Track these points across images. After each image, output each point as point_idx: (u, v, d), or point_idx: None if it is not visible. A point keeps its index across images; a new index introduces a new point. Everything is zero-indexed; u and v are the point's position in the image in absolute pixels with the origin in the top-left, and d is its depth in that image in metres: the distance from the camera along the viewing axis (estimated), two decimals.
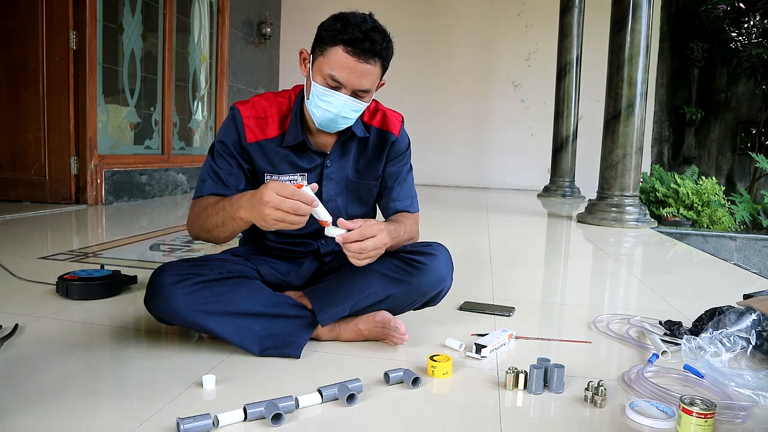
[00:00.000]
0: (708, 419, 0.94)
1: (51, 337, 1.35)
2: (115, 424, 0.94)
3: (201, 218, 1.25)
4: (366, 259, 1.18)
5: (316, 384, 1.06)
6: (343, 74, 1.18)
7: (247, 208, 1.11)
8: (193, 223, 1.29)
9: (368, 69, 1.19)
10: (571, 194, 6.10)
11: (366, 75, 1.20)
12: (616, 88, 3.87)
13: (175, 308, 1.18)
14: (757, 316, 1.34)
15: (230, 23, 5.73)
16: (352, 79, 1.19)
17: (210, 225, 1.22)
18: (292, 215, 1.06)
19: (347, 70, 1.18)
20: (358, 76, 1.19)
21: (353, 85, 1.20)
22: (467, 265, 2.36)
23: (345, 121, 1.27)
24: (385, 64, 1.23)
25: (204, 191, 1.30)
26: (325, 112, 1.24)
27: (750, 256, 4.27)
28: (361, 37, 1.16)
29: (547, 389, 1.13)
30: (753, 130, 7.32)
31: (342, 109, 1.23)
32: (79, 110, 3.78)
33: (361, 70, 1.18)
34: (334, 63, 1.18)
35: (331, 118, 1.25)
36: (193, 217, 1.28)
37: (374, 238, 1.17)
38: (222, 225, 1.19)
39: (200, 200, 1.29)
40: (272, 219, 1.06)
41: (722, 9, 7.14)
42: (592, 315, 1.71)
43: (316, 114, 1.26)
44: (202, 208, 1.25)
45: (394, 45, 1.25)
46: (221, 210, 1.18)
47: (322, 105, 1.23)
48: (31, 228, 3.03)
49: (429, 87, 7.34)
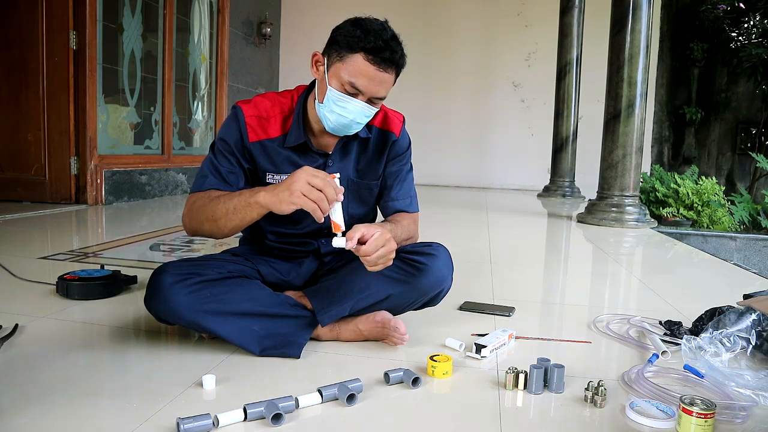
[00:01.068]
0: (708, 419, 0.94)
1: (51, 337, 1.35)
2: (115, 424, 0.94)
3: (208, 207, 1.22)
4: (381, 265, 1.18)
5: (316, 384, 1.06)
6: (363, 82, 1.19)
7: (270, 189, 1.12)
8: (194, 214, 1.26)
9: (386, 77, 1.21)
10: (571, 194, 6.10)
11: (384, 83, 1.21)
12: (616, 88, 3.87)
13: (175, 308, 1.19)
14: (757, 316, 1.34)
15: (230, 23, 5.73)
16: (372, 87, 1.20)
17: (219, 213, 1.19)
18: (318, 192, 1.07)
19: (367, 78, 1.19)
20: (377, 85, 1.20)
21: (372, 93, 1.21)
22: (467, 265, 2.36)
23: (357, 126, 1.28)
24: (399, 72, 1.25)
25: (205, 186, 1.29)
26: (340, 117, 1.24)
27: (750, 256, 4.27)
28: (382, 47, 1.17)
29: (547, 389, 1.13)
30: (753, 130, 7.32)
31: (357, 116, 1.24)
32: (79, 110, 3.78)
33: (381, 78, 1.20)
34: (354, 70, 1.18)
35: (346, 123, 1.25)
36: (196, 208, 1.25)
37: (384, 247, 1.16)
38: (233, 211, 1.18)
39: (203, 192, 1.27)
40: (299, 191, 1.07)
41: (722, 9, 7.14)
42: (592, 315, 1.71)
43: (329, 118, 1.25)
44: (210, 198, 1.23)
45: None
46: (237, 195, 1.18)
47: (337, 110, 1.23)
48: (31, 228, 3.03)
49: (429, 87, 7.34)
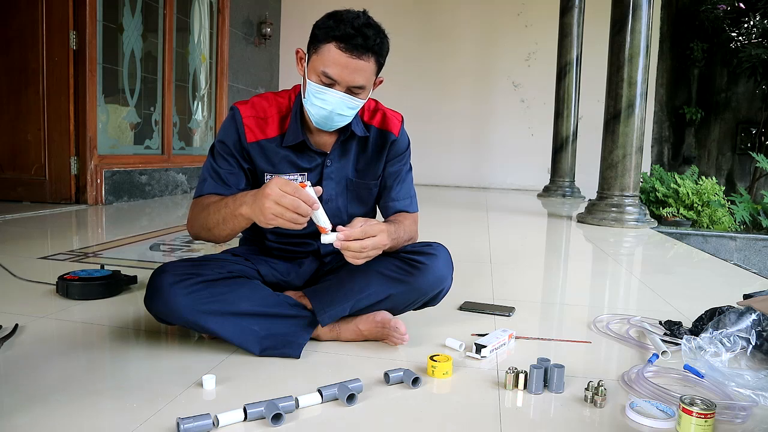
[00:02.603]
0: (708, 419, 0.94)
1: (51, 337, 1.35)
2: (115, 424, 0.94)
3: (202, 216, 1.24)
4: (364, 258, 1.18)
5: (316, 384, 1.06)
6: (335, 71, 1.18)
7: (250, 203, 1.10)
8: (193, 222, 1.29)
9: (361, 65, 1.19)
10: (571, 194, 6.10)
11: (359, 71, 1.19)
12: (616, 88, 3.87)
13: (175, 308, 1.19)
14: (757, 316, 1.34)
15: (230, 23, 5.73)
16: (345, 76, 1.19)
17: (211, 222, 1.21)
18: (290, 212, 1.05)
19: (340, 67, 1.18)
20: (351, 73, 1.19)
21: (347, 82, 1.20)
22: (467, 265, 2.36)
23: (341, 119, 1.27)
24: (380, 60, 1.23)
25: (205, 190, 1.30)
26: (320, 110, 1.24)
27: (750, 256, 4.26)
28: (353, 33, 1.16)
29: (547, 389, 1.13)
30: (753, 130, 7.32)
31: (337, 106, 1.23)
32: (79, 110, 3.78)
33: (354, 66, 1.18)
34: (326, 60, 1.18)
35: (326, 115, 1.25)
36: (194, 215, 1.28)
37: (374, 237, 1.17)
38: (223, 222, 1.19)
39: (201, 199, 1.29)
40: (271, 213, 1.05)
41: (722, 9, 7.13)
42: (592, 315, 1.71)
43: (312, 112, 1.26)
44: (204, 206, 1.25)
45: (391, 42, 1.25)
46: (224, 207, 1.18)
47: (317, 102, 1.23)
48: (31, 228, 3.03)
49: (429, 87, 7.34)
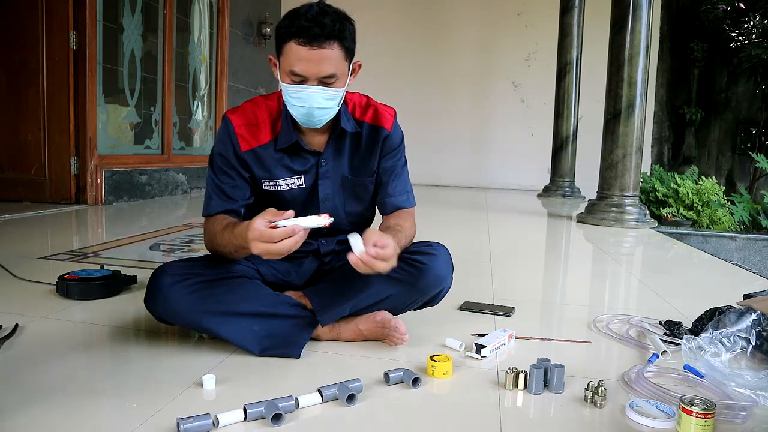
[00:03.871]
0: (708, 419, 0.94)
1: (51, 337, 1.35)
2: (115, 424, 0.94)
3: (216, 243, 1.28)
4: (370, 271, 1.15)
5: (316, 384, 1.06)
6: (301, 66, 1.18)
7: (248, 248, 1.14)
8: (210, 244, 1.33)
9: (325, 54, 1.17)
10: (571, 194, 6.09)
11: (324, 60, 1.18)
12: (616, 88, 3.87)
13: (175, 308, 1.19)
14: (757, 316, 1.34)
15: (230, 23, 5.72)
16: (311, 69, 1.18)
17: (225, 251, 1.25)
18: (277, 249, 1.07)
19: (303, 61, 1.17)
20: (316, 65, 1.18)
21: (315, 74, 1.19)
22: (467, 265, 2.36)
23: (323, 113, 1.25)
24: (345, 44, 1.20)
25: (212, 210, 1.32)
26: (299, 109, 1.23)
27: (750, 256, 4.26)
28: (307, 26, 1.15)
29: (547, 389, 1.13)
30: (753, 130, 7.32)
31: (314, 101, 1.21)
32: (79, 110, 3.78)
33: (317, 57, 1.17)
34: (291, 59, 1.18)
35: (306, 113, 1.24)
36: (209, 239, 1.32)
37: (387, 262, 1.13)
38: (236, 252, 1.22)
39: (211, 222, 1.31)
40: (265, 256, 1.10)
41: (722, 9, 7.14)
42: (592, 315, 1.71)
43: (294, 113, 1.26)
44: (215, 233, 1.27)
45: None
46: (232, 239, 1.19)
47: (294, 102, 1.23)
48: (31, 228, 3.03)
49: (429, 87, 7.33)
